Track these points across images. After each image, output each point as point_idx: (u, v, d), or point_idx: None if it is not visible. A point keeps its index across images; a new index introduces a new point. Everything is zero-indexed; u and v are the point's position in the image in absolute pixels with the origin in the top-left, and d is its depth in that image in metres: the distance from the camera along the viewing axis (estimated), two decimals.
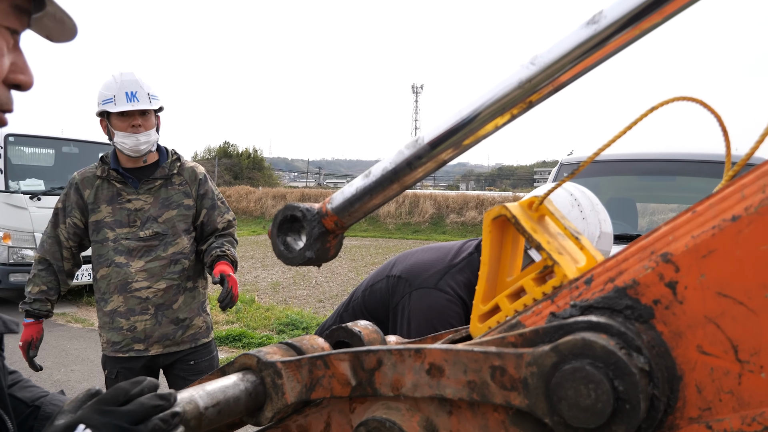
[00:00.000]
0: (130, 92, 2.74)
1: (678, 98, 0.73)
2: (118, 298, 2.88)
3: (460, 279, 1.89)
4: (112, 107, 2.75)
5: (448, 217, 21.94)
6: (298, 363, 0.85)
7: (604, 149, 0.75)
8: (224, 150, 42.58)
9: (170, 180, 2.98)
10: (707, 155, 4.64)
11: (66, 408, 0.78)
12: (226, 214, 3.11)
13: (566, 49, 0.72)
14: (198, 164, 3.14)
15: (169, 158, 3.01)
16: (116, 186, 2.90)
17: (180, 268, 2.94)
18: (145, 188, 2.92)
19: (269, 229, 1.03)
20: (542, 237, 0.77)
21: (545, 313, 0.69)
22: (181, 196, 2.99)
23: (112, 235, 2.88)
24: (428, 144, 0.82)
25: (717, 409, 0.59)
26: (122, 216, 2.89)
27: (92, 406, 0.75)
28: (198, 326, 3.02)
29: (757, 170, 0.57)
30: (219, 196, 3.13)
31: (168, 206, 2.94)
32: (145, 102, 2.79)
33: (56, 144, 10.05)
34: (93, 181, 2.92)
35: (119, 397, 0.75)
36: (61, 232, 2.94)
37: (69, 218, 2.93)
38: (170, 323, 2.92)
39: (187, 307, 2.98)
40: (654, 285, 0.61)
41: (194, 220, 3.03)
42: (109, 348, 2.93)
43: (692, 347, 0.60)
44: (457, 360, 0.69)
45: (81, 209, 2.92)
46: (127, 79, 2.76)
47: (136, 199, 2.91)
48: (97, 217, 2.90)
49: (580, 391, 0.59)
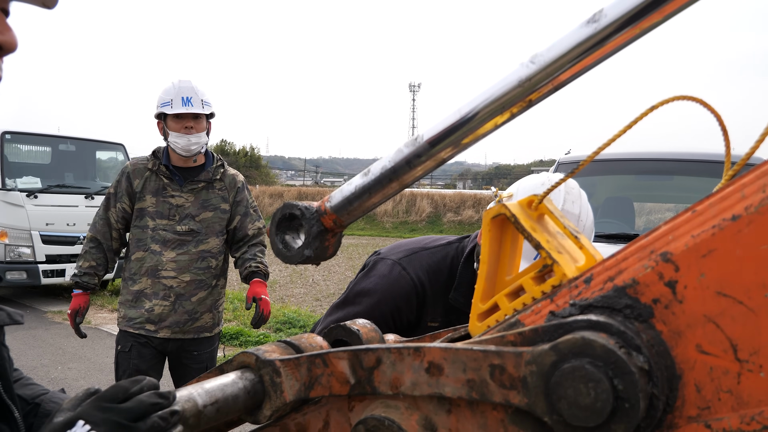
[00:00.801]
0: (186, 97, 3.08)
1: (678, 97, 0.73)
2: (146, 281, 3.20)
3: (427, 262, 1.85)
4: (169, 110, 3.11)
5: (445, 215, 21.97)
6: (296, 361, 0.84)
7: (603, 148, 0.75)
8: (221, 148, 42.54)
9: (212, 184, 3.30)
10: (704, 155, 4.65)
11: (65, 406, 0.79)
12: (257, 222, 3.44)
13: (566, 47, 0.72)
14: (239, 173, 3.46)
15: (214, 164, 3.35)
16: (163, 180, 3.23)
17: (206, 265, 3.25)
18: (188, 187, 3.24)
19: (268, 227, 1.03)
20: (541, 236, 0.77)
21: (544, 311, 0.69)
22: (220, 200, 3.30)
23: (152, 224, 3.20)
24: (427, 142, 0.82)
25: (716, 408, 0.59)
26: (164, 208, 3.20)
27: (92, 403, 0.75)
28: (205, 321, 3.30)
29: (757, 170, 0.57)
30: (253, 204, 3.47)
31: (206, 207, 3.26)
32: (198, 107, 3.12)
33: (53, 142, 10.03)
34: (143, 172, 3.24)
35: (118, 395, 0.76)
36: (111, 215, 3.27)
37: (119, 203, 3.25)
38: (184, 313, 3.22)
39: (203, 302, 3.27)
40: (653, 284, 0.61)
41: (228, 224, 3.35)
42: (124, 322, 3.23)
43: (691, 346, 0.60)
44: (456, 358, 0.69)
45: (130, 196, 3.24)
46: (184, 86, 3.12)
47: (179, 196, 3.23)
48: (142, 205, 3.22)
49: (580, 390, 0.59)
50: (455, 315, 1.80)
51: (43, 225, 9.09)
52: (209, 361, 3.38)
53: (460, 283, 1.81)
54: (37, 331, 7.67)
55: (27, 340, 7.19)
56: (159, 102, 3.18)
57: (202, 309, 3.27)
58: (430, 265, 1.85)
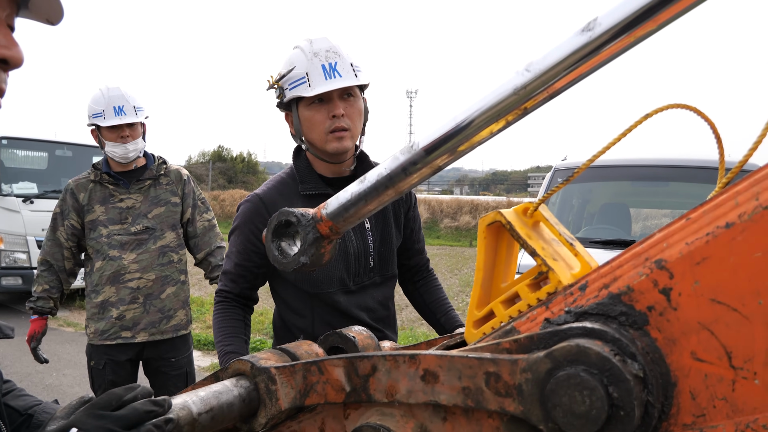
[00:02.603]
0: (118, 107, 3.08)
1: (672, 105, 0.73)
2: (110, 289, 3.15)
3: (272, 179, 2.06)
4: (102, 121, 3.08)
5: (442, 221, 21.97)
6: (292, 369, 0.84)
7: (599, 156, 0.76)
8: (218, 154, 42.53)
9: (158, 180, 3.28)
10: (700, 161, 4.66)
11: (59, 414, 0.78)
12: (205, 214, 3.42)
13: (561, 56, 0.72)
14: (182, 167, 3.46)
15: (156, 161, 3.33)
16: (109, 188, 3.20)
17: (168, 260, 3.24)
18: (135, 188, 3.22)
19: (264, 233, 1.03)
20: (537, 243, 0.77)
21: (540, 319, 0.69)
22: (169, 194, 3.28)
23: (105, 231, 3.15)
24: (423, 150, 0.82)
25: (711, 415, 0.59)
26: (114, 214, 3.17)
27: (85, 410, 0.75)
28: (180, 318, 3.28)
29: (750, 177, 0.57)
30: (200, 196, 3.45)
31: (157, 203, 3.24)
32: (132, 115, 3.11)
33: (49, 147, 10.00)
34: (86, 186, 3.21)
35: (112, 402, 0.75)
36: (60, 235, 3.21)
37: (67, 221, 3.19)
38: (157, 312, 3.19)
39: (174, 298, 3.25)
40: (648, 291, 0.62)
41: (181, 217, 3.33)
42: (97, 337, 3.17)
43: (686, 354, 0.60)
44: (452, 366, 0.69)
45: (77, 211, 3.19)
46: (114, 94, 3.10)
47: (128, 198, 3.20)
48: (92, 217, 3.18)
49: (575, 398, 0.59)
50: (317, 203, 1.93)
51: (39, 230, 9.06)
52: (188, 365, 3.34)
53: (299, 173, 2.00)
54: None
55: (22, 346, 7.15)
56: (90, 112, 3.13)
57: (175, 305, 3.24)
58: (274, 179, 2.07)
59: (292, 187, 2.00)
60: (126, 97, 3.11)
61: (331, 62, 1.86)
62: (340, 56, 1.88)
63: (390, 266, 2.08)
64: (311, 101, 1.88)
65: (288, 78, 1.91)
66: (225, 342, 1.95)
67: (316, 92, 1.83)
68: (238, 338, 1.97)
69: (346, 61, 1.89)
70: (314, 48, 1.89)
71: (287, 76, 1.92)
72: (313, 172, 2.00)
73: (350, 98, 1.90)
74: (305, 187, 1.97)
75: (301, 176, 1.99)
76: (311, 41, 1.92)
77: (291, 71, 1.90)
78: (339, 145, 1.88)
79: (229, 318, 2.00)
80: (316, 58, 1.86)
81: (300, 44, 1.94)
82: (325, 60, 1.87)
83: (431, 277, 2.30)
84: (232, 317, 2.00)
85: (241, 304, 2.04)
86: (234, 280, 2.01)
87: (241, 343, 1.97)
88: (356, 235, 1.96)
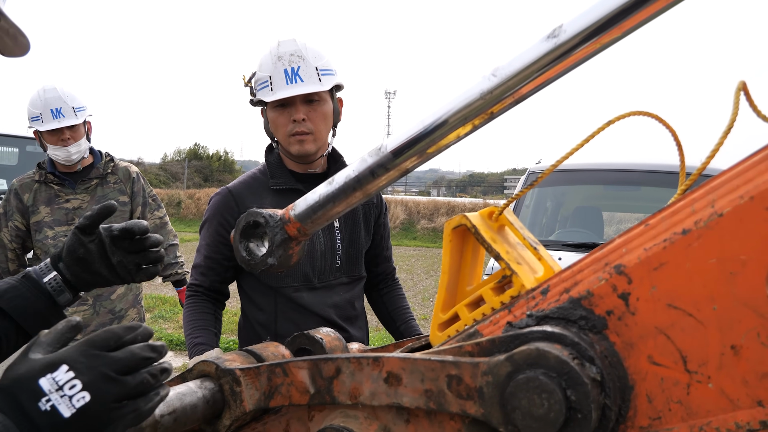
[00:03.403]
0: (56, 109, 2.93)
1: (634, 113, 0.74)
2: None
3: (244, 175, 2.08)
4: (40, 125, 2.95)
5: (419, 222, 22.02)
6: (257, 370, 0.84)
7: (561, 162, 0.77)
8: (194, 152, 42.10)
9: (105, 179, 3.17)
10: (672, 166, 4.74)
11: (44, 339, 0.70)
12: (156, 211, 3.34)
13: (527, 62, 0.73)
14: (131, 164, 3.34)
15: (103, 159, 3.21)
16: (54, 188, 3.08)
17: None
18: (81, 188, 3.11)
19: (232, 234, 1.02)
20: (501, 247, 0.77)
21: (503, 322, 0.70)
22: (117, 193, 3.18)
23: (51, 233, 3.04)
24: (391, 152, 0.82)
25: (666, 418, 0.60)
26: (60, 215, 3.06)
27: (79, 346, 0.67)
28: (131, 317, 3.22)
29: (707, 185, 0.59)
30: (151, 194, 3.36)
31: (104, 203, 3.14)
32: (71, 117, 2.97)
33: (20, 143, 9.81)
34: (31, 186, 3.09)
35: (110, 342, 0.69)
36: (4, 236, 3.10)
37: (11, 222, 3.09)
38: (108, 313, 3.10)
39: (123, 298, 3.16)
40: (607, 296, 0.62)
41: (130, 216, 3.23)
42: None
43: (643, 358, 0.61)
44: (415, 368, 0.69)
45: (21, 212, 3.08)
46: (50, 96, 2.94)
47: (74, 199, 3.09)
48: (37, 218, 3.07)
49: (534, 401, 0.60)
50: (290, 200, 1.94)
51: None
52: None
53: (270, 168, 2.01)
54: None
55: None
56: (29, 115, 3.00)
57: (125, 305, 3.16)
58: (246, 174, 2.10)
59: (263, 181, 2.01)
60: (63, 98, 2.96)
61: (294, 66, 1.87)
62: (304, 60, 1.88)
63: (357, 267, 2.08)
64: (275, 104, 1.89)
65: (256, 79, 1.93)
66: (194, 334, 1.94)
67: (275, 97, 1.85)
68: (208, 330, 1.96)
69: (311, 65, 1.88)
70: (280, 51, 1.89)
71: (255, 78, 1.93)
72: (284, 168, 2.01)
73: (314, 103, 1.91)
74: (275, 181, 1.99)
75: (272, 171, 2.01)
76: (279, 43, 1.92)
77: (257, 73, 1.92)
78: (300, 148, 1.90)
79: (199, 311, 1.99)
80: (280, 62, 1.87)
81: (270, 46, 1.94)
82: (288, 64, 1.87)
83: (396, 286, 2.31)
84: (202, 311, 2.00)
85: (211, 298, 2.04)
86: (204, 273, 2.01)
87: (211, 336, 1.96)
88: (324, 233, 1.96)
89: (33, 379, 0.64)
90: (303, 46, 1.91)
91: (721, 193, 0.57)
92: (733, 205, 0.55)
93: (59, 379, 0.64)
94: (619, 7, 0.68)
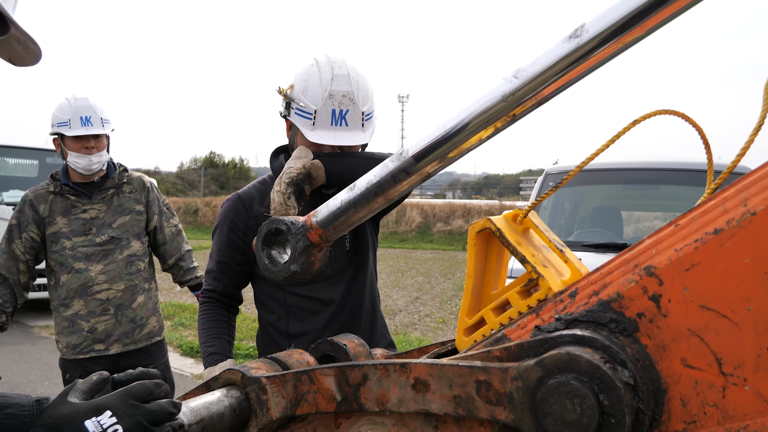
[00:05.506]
0: (85, 117, 3.03)
1: (660, 111, 0.73)
2: (78, 302, 3.07)
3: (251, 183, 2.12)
4: (67, 130, 3.02)
5: (434, 225, 21.98)
6: (283, 378, 0.84)
7: (588, 162, 0.76)
8: (210, 160, 42.41)
9: (121, 188, 3.21)
10: (691, 164, 4.69)
11: (80, 386, 0.78)
12: (171, 219, 3.40)
13: (549, 62, 0.72)
14: (145, 174, 3.41)
15: (117, 170, 3.26)
16: (70, 199, 3.11)
17: (135, 269, 3.19)
18: (98, 198, 3.14)
19: (254, 242, 1.02)
20: (527, 250, 0.77)
21: (530, 326, 0.69)
22: (133, 202, 3.23)
23: (69, 243, 3.07)
24: (413, 157, 0.82)
25: (702, 422, 0.59)
26: (77, 225, 3.09)
27: (120, 395, 0.75)
28: (152, 325, 3.24)
29: (738, 183, 0.58)
30: (165, 203, 3.42)
31: (121, 212, 3.19)
32: (99, 127, 3.07)
33: (40, 155, 9.95)
34: (46, 197, 3.11)
35: (145, 395, 0.76)
36: (16, 247, 3.10)
37: (25, 233, 3.09)
38: (129, 322, 3.13)
39: (144, 306, 3.20)
40: (638, 298, 0.61)
41: (146, 225, 3.28)
42: (70, 351, 3.10)
43: (676, 360, 0.60)
44: (443, 374, 0.69)
45: (37, 223, 3.09)
46: (81, 105, 3.05)
47: (91, 209, 3.12)
48: (54, 229, 3.09)
49: (566, 406, 0.59)
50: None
51: None
52: (165, 372, 3.29)
53: (275, 173, 2.04)
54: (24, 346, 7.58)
55: (13, 355, 7.11)
56: (55, 120, 3.06)
57: (146, 314, 3.19)
58: (256, 180, 2.14)
59: (271, 186, 2.03)
60: (94, 108, 3.06)
61: (343, 109, 1.82)
62: (354, 104, 1.82)
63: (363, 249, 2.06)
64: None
65: (297, 100, 1.86)
66: (208, 343, 1.97)
67: (315, 139, 1.81)
68: (222, 339, 1.99)
69: (359, 110, 1.83)
70: (333, 88, 1.81)
71: (297, 98, 1.86)
72: None
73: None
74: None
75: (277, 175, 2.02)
76: (333, 77, 1.83)
77: (302, 96, 1.85)
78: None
79: (213, 319, 2.02)
80: (330, 101, 1.81)
81: (322, 71, 1.85)
82: (338, 105, 1.81)
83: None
84: (216, 318, 2.02)
85: (225, 304, 2.06)
86: (217, 278, 2.04)
87: (225, 344, 1.98)
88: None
89: (79, 419, 0.72)
90: (356, 85, 1.83)
91: (753, 191, 0.55)
92: (767, 203, 0.54)
93: (104, 423, 0.72)
94: (641, 5, 0.67)
